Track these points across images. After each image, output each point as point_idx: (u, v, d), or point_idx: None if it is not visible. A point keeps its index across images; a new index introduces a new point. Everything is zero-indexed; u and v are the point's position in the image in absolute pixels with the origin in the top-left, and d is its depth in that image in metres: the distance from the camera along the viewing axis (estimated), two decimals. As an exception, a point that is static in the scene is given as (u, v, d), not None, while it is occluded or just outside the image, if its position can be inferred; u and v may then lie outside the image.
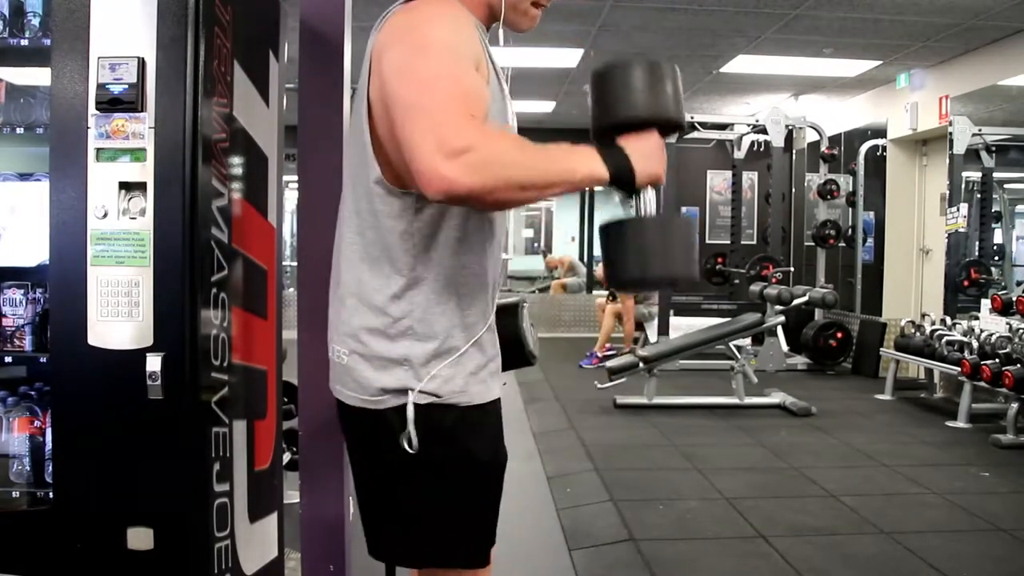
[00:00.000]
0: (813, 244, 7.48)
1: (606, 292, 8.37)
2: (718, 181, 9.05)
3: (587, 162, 1.22)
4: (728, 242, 8.28)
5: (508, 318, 1.50)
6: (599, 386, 5.33)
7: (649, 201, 1.28)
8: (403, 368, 1.28)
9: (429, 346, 1.28)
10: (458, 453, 1.30)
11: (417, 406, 1.26)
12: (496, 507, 1.38)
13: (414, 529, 1.34)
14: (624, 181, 1.25)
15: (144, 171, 1.65)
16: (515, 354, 1.49)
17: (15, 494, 1.81)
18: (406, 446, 1.26)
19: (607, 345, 7.40)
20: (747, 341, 5.75)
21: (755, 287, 6.01)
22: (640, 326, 7.54)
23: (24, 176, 2.00)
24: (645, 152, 1.25)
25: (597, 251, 9.86)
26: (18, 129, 1.85)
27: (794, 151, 8.30)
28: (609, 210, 12.40)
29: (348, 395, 1.33)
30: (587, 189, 10.92)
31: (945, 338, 5.28)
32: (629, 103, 1.26)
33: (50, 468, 1.77)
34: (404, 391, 1.27)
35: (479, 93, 1.20)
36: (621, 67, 1.28)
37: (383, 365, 1.28)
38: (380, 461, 1.33)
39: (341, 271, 1.36)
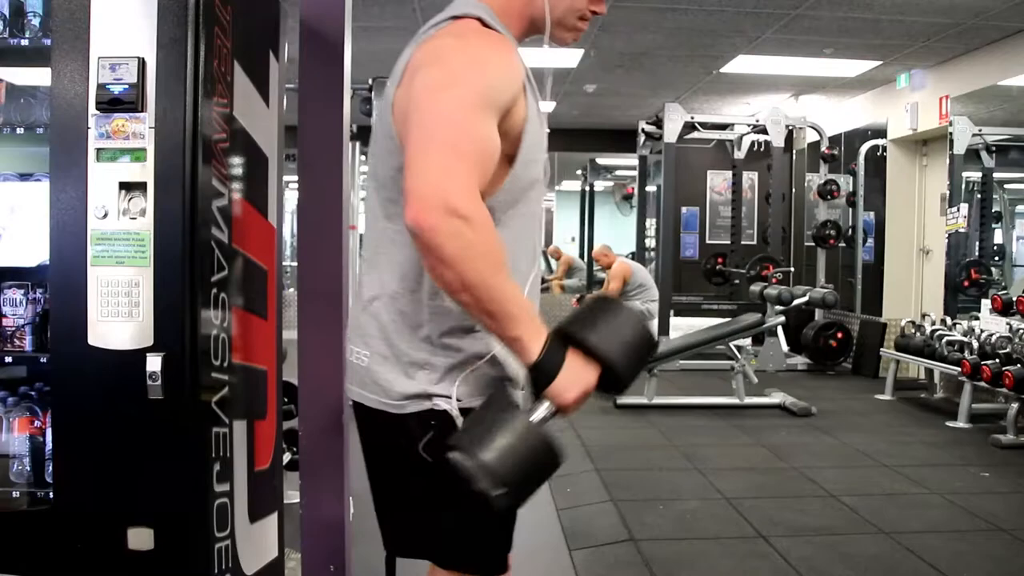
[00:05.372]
0: (813, 244, 7.47)
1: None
2: (718, 181, 9.05)
3: (528, 333, 1.19)
4: (728, 242, 8.27)
5: None
6: (599, 386, 5.32)
7: (543, 412, 1.23)
8: (425, 372, 1.27)
9: (451, 356, 1.27)
10: None
11: (436, 411, 1.26)
12: (514, 513, 1.38)
13: (435, 533, 1.34)
14: (539, 378, 1.21)
15: (144, 171, 1.65)
16: None
17: (15, 494, 1.81)
18: (425, 455, 1.25)
19: None
20: (747, 341, 5.75)
21: (755, 287, 6.01)
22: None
23: (24, 176, 2.00)
24: (575, 378, 1.21)
25: (600, 243, 9.87)
26: (18, 129, 1.85)
27: (794, 151, 8.30)
28: (608, 211, 12.43)
29: (369, 398, 1.32)
30: (587, 193, 10.98)
31: (945, 338, 5.28)
32: (608, 339, 1.23)
33: (50, 468, 1.77)
34: (425, 396, 1.26)
35: (492, 155, 1.20)
36: (630, 314, 1.27)
37: (404, 369, 1.28)
38: (400, 464, 1.32)
39: (365, 274, 1.36)
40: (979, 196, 6.07)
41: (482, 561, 1.36)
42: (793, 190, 8.31)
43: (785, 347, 6.55)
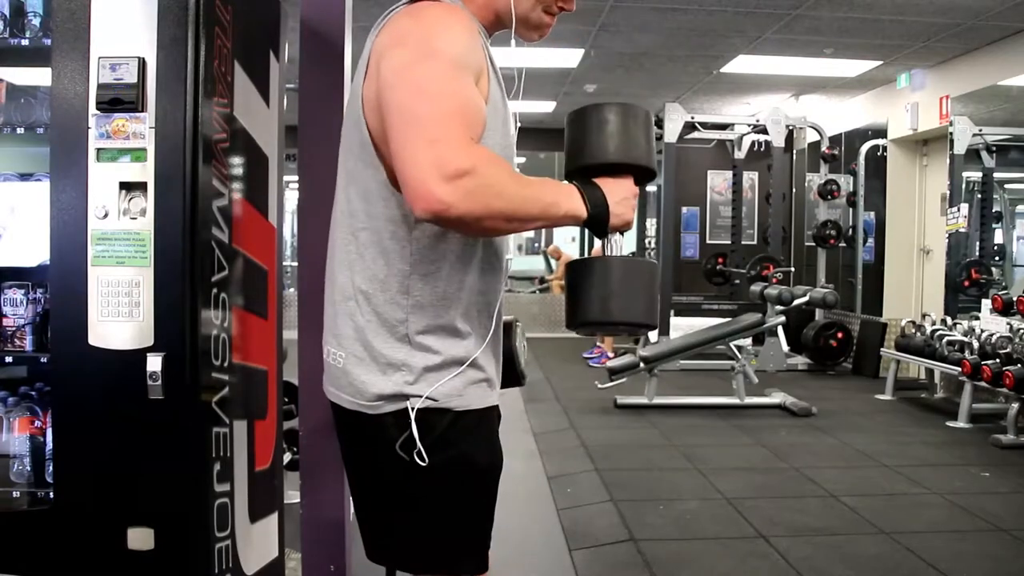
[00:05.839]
0: (814, 244, 7.48)
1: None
2: (718, 181, 9.05)
3: (569, 199, 1.25)
4: (728, 242, 8.28)
5: (502, 337, 1.46)
6: (599, 386, 5.33)
7: (617, 244, 1.30)
8: (401, 373, 1.26)
9: (429, 358, 1.26)
10: (454, 457, 1.27)
11: (413, 411, 1.24)
12: (492, 511, 1.37)
13: (412, 535, 1.32)
14: (600, 222, 1.27)
15: (144, 171, 1.65)
16: (507, 373, 1.47)
17: (15, 494, 1.81)
18: (415, 457, 1.24)
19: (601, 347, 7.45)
20: (748, 341, 5.75)
21: (756, 287, 6.01)
22: (640, 326, 7.54)
23: (25, 176, 2.00)
24: (620, 196, 1.28)
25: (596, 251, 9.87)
26: (19, 129, 1.85)
27: (795, 151, 8.30)
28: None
29: (345, 399, 1.31)
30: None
31: (946, 338, 5.28)
32: (608, 147, 1.29)
33: (50, 468, 1.77)
34: (401, 396, 1.25)
35: (478, 111, 1.19)
36: (599, 111, 1.31)
37: (380, 370, 1.26)
38: (376, 465, 1.31)
39: (335, 273, 1.33)
40: (979, 196, 6.07)
41: (465, 560, 1.34)
42: (793, 190, 8.31)
43: (785, 347, 6.55)
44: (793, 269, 7.37)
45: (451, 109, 1.14)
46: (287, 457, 2.66)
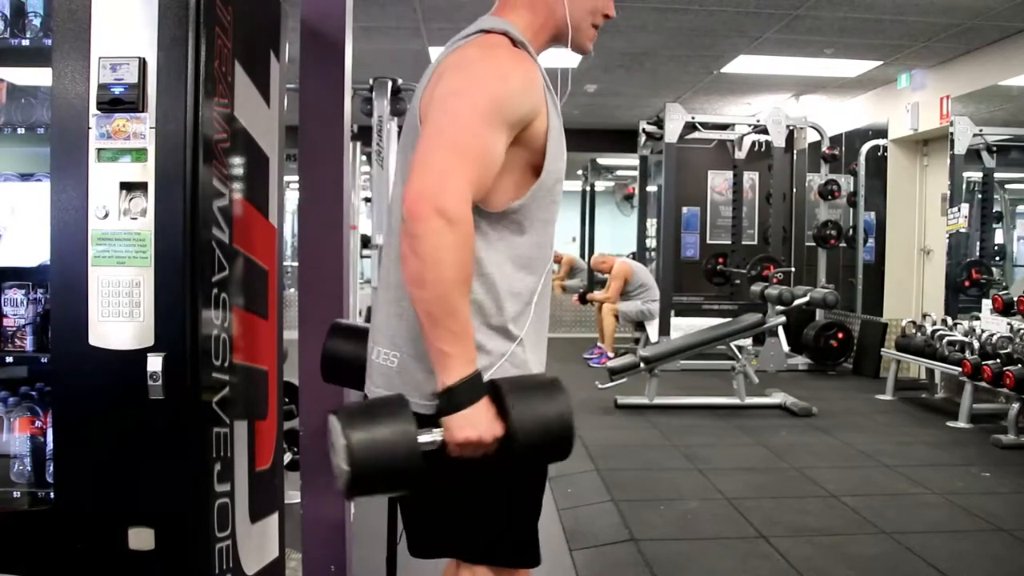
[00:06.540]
0: (814, 244, 7.47)
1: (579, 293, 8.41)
2: (719, 181, 9.03)
3: (459, 355, 1.20)
4: (729, 242, 8.27)
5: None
6: (600, 386, 5.33)
7: (431, 437, 1.22)
8: None
9: (480, 358, 1.29)
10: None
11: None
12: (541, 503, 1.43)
13: (476, 528, 1.36)
14: (444, 404, 1.21)
15: (145, 171, 1.65)
16: None
17: (16, 494, 1.81)
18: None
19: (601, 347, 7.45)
20: (748, 341, 5.75)
21: (756, 287, 6.00)
22: (641, 326, 7.55)
23: (25, 176, 2.00)
24: (477, 421, 1.21)
25: (597, 251, 9.88)
26: (19, 129, 1.85)
27: (795, 151, 8.29)
28: (608, 210, 12.40)
29: None
30: (587, 193, 11.01)
31: (946, 338, 5.28)
32: (524, 401, 1.24)
33: (51, 468, 1.77)
34: None
35: (494, 164, 1.25)
36: (564, 408, 1.27)
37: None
38: (434, 462, 1.31)
39: (390, 275, 1.37)
40: (980, 196, 6.07)
41: (526, 550, 1.40)
42: (794, 190, 8.30)
43: (786, 347, 6.54)
44: (793, 269, 7.36)
45: (473, 149, 1.22)
46: (287, 457, 2.66)
